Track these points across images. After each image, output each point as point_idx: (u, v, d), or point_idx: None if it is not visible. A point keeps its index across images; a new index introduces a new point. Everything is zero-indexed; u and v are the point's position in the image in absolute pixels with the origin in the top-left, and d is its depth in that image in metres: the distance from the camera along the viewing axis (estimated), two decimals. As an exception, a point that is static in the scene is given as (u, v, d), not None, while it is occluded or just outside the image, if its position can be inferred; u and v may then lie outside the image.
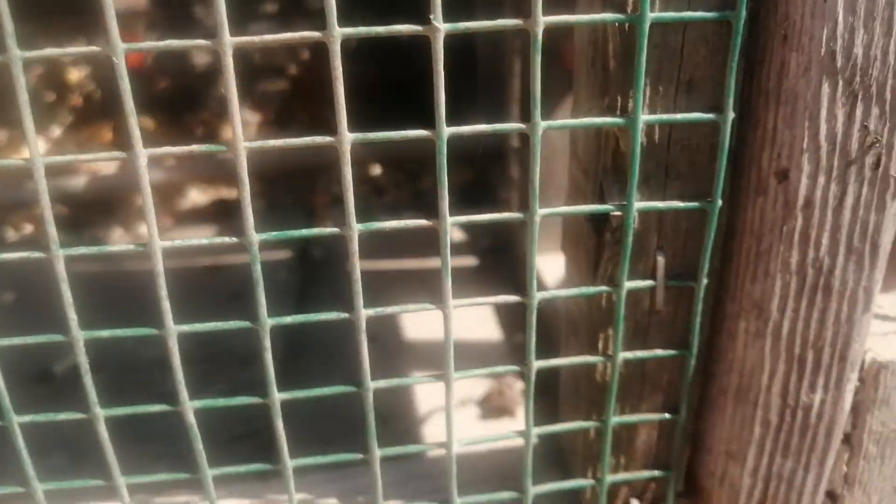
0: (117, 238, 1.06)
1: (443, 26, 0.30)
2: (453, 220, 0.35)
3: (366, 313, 0.36)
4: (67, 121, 1.12)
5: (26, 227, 1.05)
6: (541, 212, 0.34)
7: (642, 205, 0.36)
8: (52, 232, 0.32)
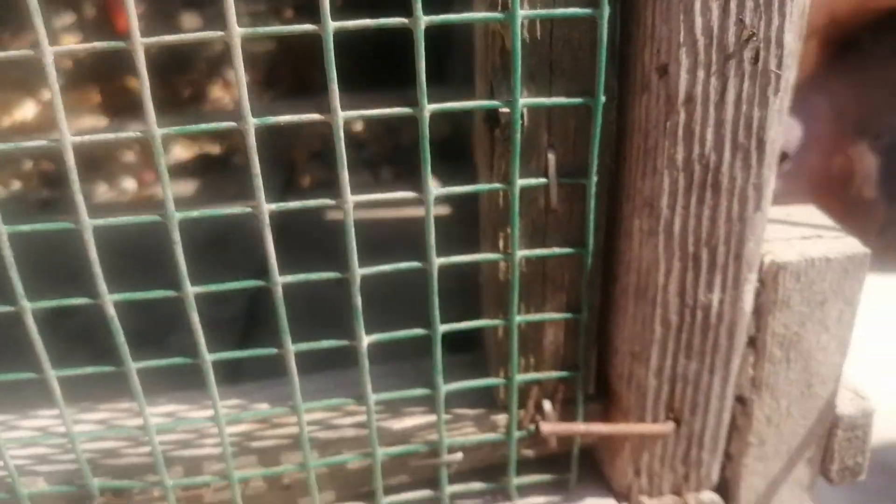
0: (102, 193, 1.10)
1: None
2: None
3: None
4: (58, 84, 1.15)
5: (14, 184, 1.08)
6: (429, 107, 0.36)
7: (527, 101, 0.37)
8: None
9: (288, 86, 1.25)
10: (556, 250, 0.42)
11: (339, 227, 0.40)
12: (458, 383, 0.44)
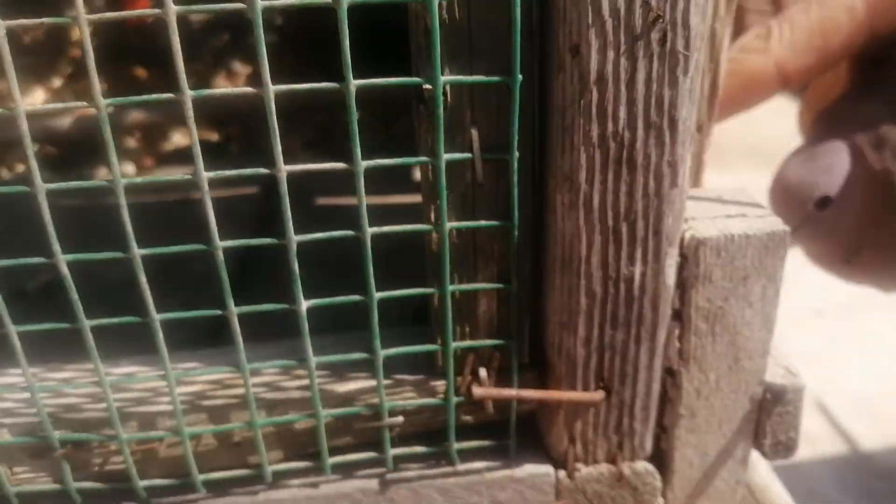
0: (103, 176, 1.15)
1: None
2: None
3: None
4: (67, 72, 1.20)
5: (19, 167, 1.14)
6: (355, 82, 0.39)
7: (447, 78, 0.40)
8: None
9: (286, 75, 1.29)
10: (484, 223, 0.44)
11: (328, 213, 0.43)
12: (395, 349, 0.47)
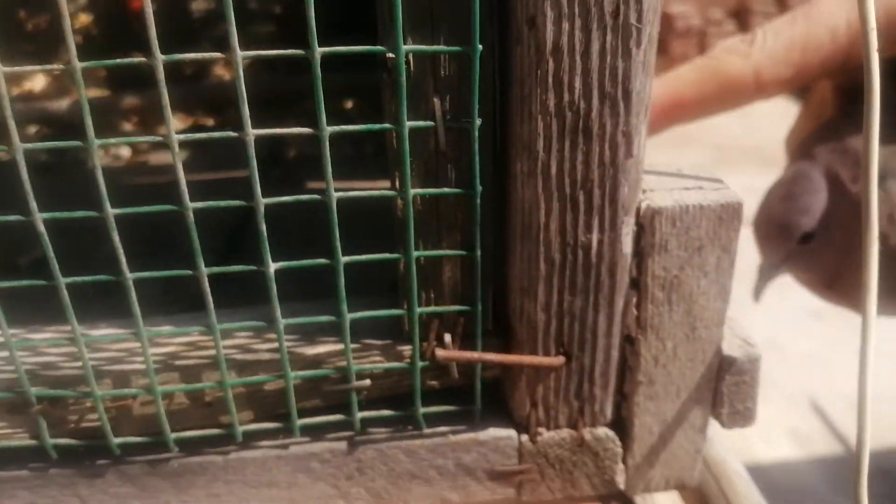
0: (99, 157, 1.17)
1: None
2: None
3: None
4: (67, 59, 1.24)
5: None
6: (320, 50, 0.41)
7: (409, 47, 0.42)
8: None
9: (284, 64, 1.31)
10: (446, 190, 0.46)
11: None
12: (361, 312, 0.49)
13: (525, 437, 0.53)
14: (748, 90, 0.61)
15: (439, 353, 0.49)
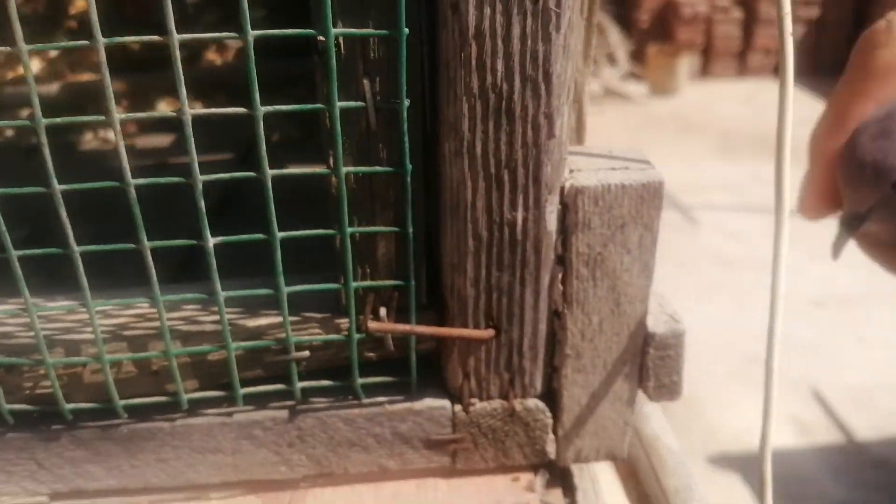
0: (87, 141, 1.19)
1: None
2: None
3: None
4: (64, 41, 1.26)
5: (7, 132, 1.19)
6: (253, 33, 0.43)
7: (338, 30, 0.44)
8: None
9: (273, 48, 1.33)
10: (378, 168, 0.48)
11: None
12: (297, 287, 0.51)
13: (458, 408, 0.56)
14: None
15: (371, 325, 0.51)
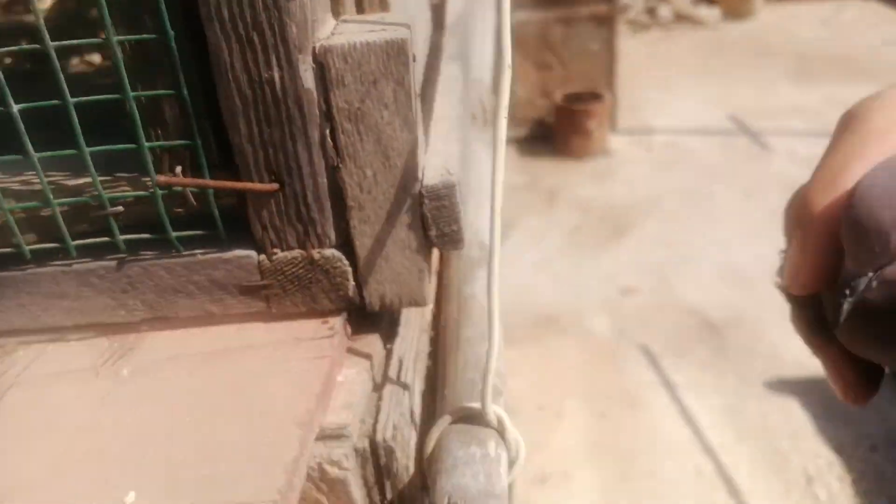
0: (75, 64, 1.30)
1: None
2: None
3: None
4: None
5: (6, 60, 1.30)
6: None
7: None
8: None
9: None
10: (145, 36, 0.54)
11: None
12: (98, 147, 0.58)
13: (262, 257, 0.62)
14: None
15: (160, 178, 0.58)
